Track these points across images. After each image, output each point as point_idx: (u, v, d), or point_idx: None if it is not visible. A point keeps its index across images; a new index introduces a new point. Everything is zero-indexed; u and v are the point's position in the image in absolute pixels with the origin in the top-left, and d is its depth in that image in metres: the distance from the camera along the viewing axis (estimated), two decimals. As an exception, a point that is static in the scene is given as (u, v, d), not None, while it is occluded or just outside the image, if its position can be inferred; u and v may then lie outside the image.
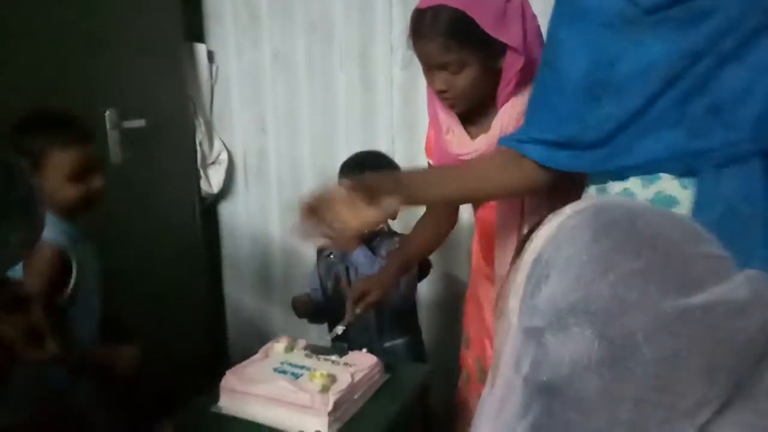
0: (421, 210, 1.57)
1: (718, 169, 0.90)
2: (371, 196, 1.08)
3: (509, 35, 1.16)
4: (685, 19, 0.88)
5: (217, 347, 2.56)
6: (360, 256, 1.65)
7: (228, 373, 1.23)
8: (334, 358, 1.30)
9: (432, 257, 1.75)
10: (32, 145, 1.28)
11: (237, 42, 2.35)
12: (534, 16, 1.23)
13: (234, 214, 2.53)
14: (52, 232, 1.23)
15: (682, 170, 0.93)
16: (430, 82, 1.26)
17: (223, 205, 2.54)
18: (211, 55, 2.38)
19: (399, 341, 1.67)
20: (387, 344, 1.65)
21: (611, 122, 0.94)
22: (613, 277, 0.48)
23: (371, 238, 1.69)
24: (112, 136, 1.95)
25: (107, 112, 1.93)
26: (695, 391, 0.47)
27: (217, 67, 2.40)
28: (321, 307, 1.74)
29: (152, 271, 2.06)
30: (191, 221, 2.39)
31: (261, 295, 2.57)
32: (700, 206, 0.92)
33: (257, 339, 2.54)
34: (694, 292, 0.48)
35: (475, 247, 1.51)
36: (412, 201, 1.17)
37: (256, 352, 1.34)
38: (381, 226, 1.68)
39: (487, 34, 1.15)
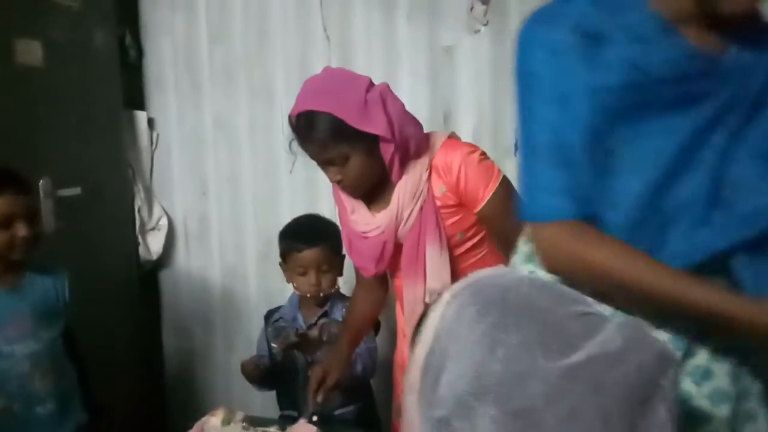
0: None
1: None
2: None
3: (374, 126, 1.27)
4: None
5: (156, 416, 2.45)
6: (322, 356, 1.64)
7: (161, 451, 1.19)
8: (272, 429, 1.27)
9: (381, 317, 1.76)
10: None
11: (178, 108, 2.37)
12: (395, 99, 1.33)
13: (175, 280, 2.48)
14: None
15: None
16: (326, 174, 1.37)
17: (164, 271, 2.49)
18: (151, 122, 2.39)
19: (350, 408, 1.65)
20: (338, 412, 1.63)
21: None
22: (501, 353, 0.51)
23: (324, 302, 1.69)
24: (46, 205, 1.90)
25: (41, 181, 1.89)
26: None
27: (158, 134, 2.40)
28: (270, 372, 1.70)
29: (90, 340, 1.98)
30: (130, 288, 2.33)
31: (202, 362, 2.49)
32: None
33: (197, 407, 2.46)
34: (572, 351, 0.51)
35: (398, 310, 1.54)
36: None
37: (196, 420, 1.30)
38: (334, 288, 1.69)
39: (359, 130, 1.26)
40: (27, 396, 1.42)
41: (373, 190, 1.38)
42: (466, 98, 2.01)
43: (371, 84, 1.32)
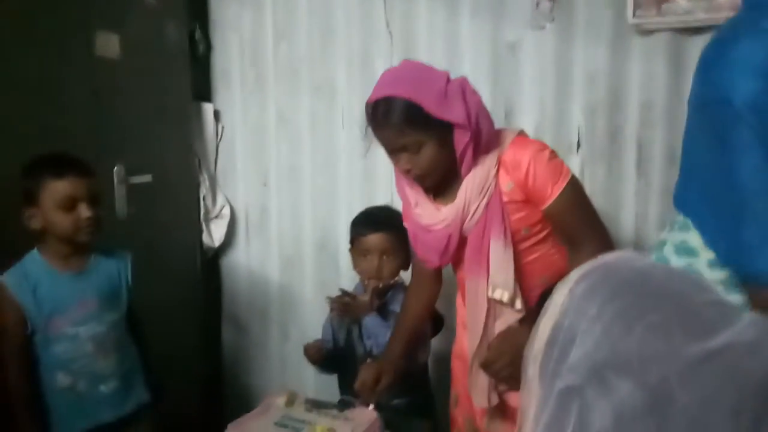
0: None
1: None
2: None
3: (452, 114, 1.29)
4: None
5: (214, 399, 2.54)
6: (371, 322, 1.68)
7: (229, 426, 1.24)
8: (334, 412, 1.31)
9: (443, 310, 1.77)
10: (30, 180, 1.43)
11: (243, 102, 2.44)
12: (474, 92, 1.35)
13: (235, 268, 2.56)
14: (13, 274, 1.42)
15: None
16: (395, 163, 1.38)
17: (224, 258, 2.57)
18: (217, 114, 2.47)
19: (407, 399, 1.67)
20: (395, 401, 1.66)
21: None
22: (638, 331, 0.53)
23: (385, 292, 1.72)
24: (119, 191, 2.00)
25: (115, 168, 1.98)
26: (727, 429, 0.50)
27: (223, 126, 2.48)
28: (332, 357, 1.75)
29: (152, 322, 2.07)
30: (193, 274, 2.42)
31: (258, 349, 2.57)
32: None
33: (254, 392, 2.53)
34: (710, 337, 0.53)
35: (459, 301, 1.55)
36: None
37: (252, 406, 1.35)
38: (395, 279, 1.72)
39: (436, 117, 1.27)
40: (91, 375, 1.49)
41: (440, 182, 1.40)
42: (529, 95, 2.00)
43: (450, 77, 1.34)
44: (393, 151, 1.35)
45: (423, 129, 1.29)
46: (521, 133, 1.42)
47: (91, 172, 1.50)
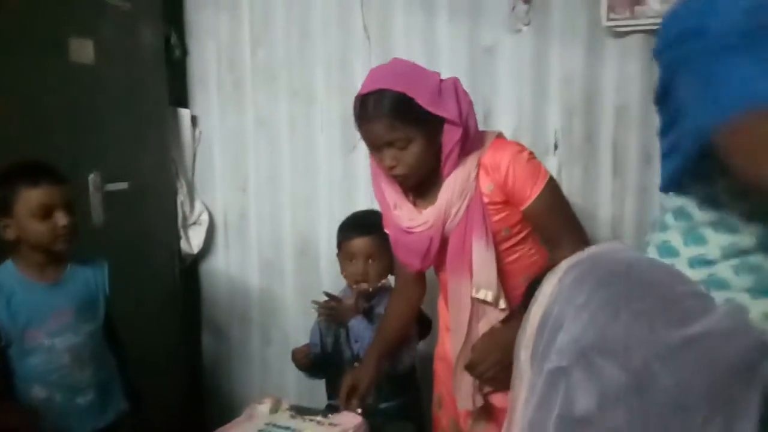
0: None
1: None
2: None
3: (446, 110, 1.30)
4: None
5: (194, 406, 2.51)
6: (357, 325, 1.67)
7: (213, 435, 1.22)
8: (319, 418, 1.30)
9: (430, 312, 1.77)
10: (2, 190, 1.40)
11: (221, 107, 2.42)
12: (465, 93, 1.36)
13: (214, 274, 2.54)
14: None
15: None
16: (380, 160, 1.37)
17: (203, 265, 2.54)
18: (194, 120, 2.44)
19: (394, 403, 1.67)
20: (382, 405, 1.65)
21: None
22: (624, 317, 0.57)
23: (371, 296, 1.72)
24: (95, 198, 1.97)
25: (91, 175, 1.95)
26: (703, 411, 0.56)
27: (200, 131, 2.46)
28: (319, 361, 1.74)
29: (131, 331, 2.04)
30: (172, 281, 2.39)
31: (239, 354, 2.54)
32: None
33: (235, 398, 2.51)
34: (689, 324, 0.58)
35: (441, 304, 1.56)
36: None
37: (233, 412, 1.34)
38: (381, 282, 1.72)
39: (427, 112, 1.28)
40: (68, 387, 1.46)
41: (420, 183, 1.40)
42: (506, 98, 2.02)
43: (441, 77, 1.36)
44: (379, 147, 1.34)
45: (414, 124, 1.29)
46: (500, 136, 1.43)
47: (64, 179, 1.47)
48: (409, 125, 1.29)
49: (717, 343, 0.58)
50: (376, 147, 1.35)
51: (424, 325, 1.78)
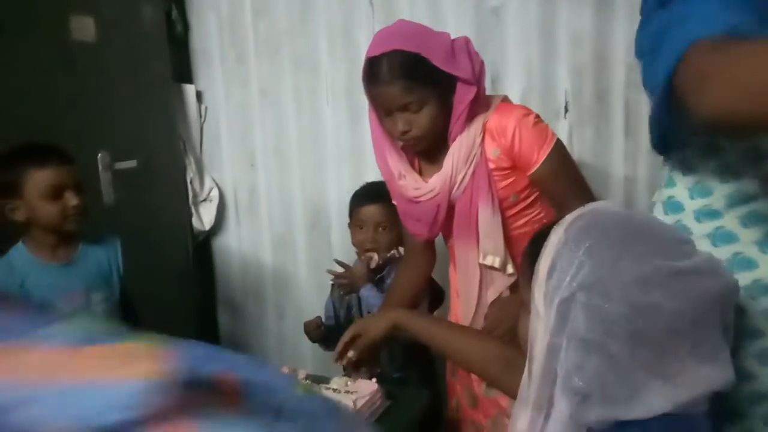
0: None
1: None
2: None
3: (460, 69, 1.27)
4: None
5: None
6: (367, 293, 1.68)
7: (230, 406, 1.23)
8: (335, 386, 1.31)
9: (443, 282, 1.77)
10: (10, 171, 1.39)
11: (225, 81, 2.40)
12: (476, 53, 1.32)
13: (226, 250, 2.55)
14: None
15: None
16: (392, 125, 1.32)
17: (215, 241, 2.56)
18: (199, 95, 2.43)
19: (407, 372, 1.68)
20: (396, 375, 1.66)
21: None
22: (626, 258, 0.66)
23: (383, 266, 1.71)
24: (105, 177, 1.97)
25: (99, 154, 1.95)
26: (691, 335, 0.66)
27: (206, 107, 2.45)
28: (333, 333, 1.75)
29: (144, 309, 2.06)
30: (184, 259, 2.40)
31: (254, 329, 2.57)
32: None
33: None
34: (682, 259, 0.68)
35: (452, 270, 1.55)
36: None
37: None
38: (391, 253, 1.71)
39: (440, 72, 1.25)
40: None
41: (426, 149, 1.38)
42: (514, 60, 1.98)
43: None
44: (391, 111, 1.30)
45: (430, 85, 1.26)
46: (505, 99, 1.40)
47: (72, 159, 1.46)
48: (423, 86, 1.26)
49: (704, 276, 0.67)
50: (388, 111, 1.31)
51: (436, 296, 1.78)
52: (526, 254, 0.78)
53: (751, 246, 0.81)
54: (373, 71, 1.29)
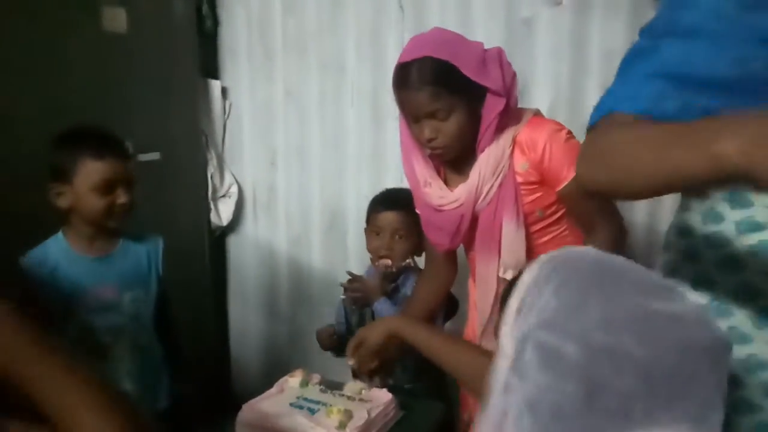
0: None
1: None
2: None
3: (490, 79, 1.26)
4: None
5: (222, 379, 2.55)
6: (381, 306, 1.65)
7: (244, 407, 1.23)
8: (349, 393, 1.30)
9: (460, 293, 1.75)
10: (64, 155, 1.34)
11: (250, 79, 2.40)
12: (509, 64, 1.31)
13: (242, 247, 2.55)
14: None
15: None
16: (419, 132, 1.32)
17: (232, 237, 2.56)
18: (224, 91, 2.43)
19: (419, 384, 1.66)
20: (407, 386, 1.64)
21: None
22: (595, 297, 0.62)
23: (396, 276, 1.70)
24: (127, 169, 1.97)
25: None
26: (670, 387, 0.59)
27: (230, 103, 2.45)
28: (345, 340, 1.73)
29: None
30: (201, 252, 2.40)
31: (266, 327, 2.57)
32: None
33: (261, 371, 2.54)
34: (661, 302, 0.62)
35: (471, 283, 1.54)
36: None
37: (260, 385, 1.34)
38: (407, 261, 1.70)
39: (470, 81, 1.25)
40: (103, 373, 1.31)
41: (454, 159, 1.37)
42: (544, 73, 1.96)
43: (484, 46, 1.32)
44: (419, 118, 1.30)
45: (458, 93, 1.26)
46: (537, 113, 1.39)
47: (129, 154, 1.42)
48: (452, 95, 1.26)
49: (691, 325, 0.61)
50: (415, 117, 1.31)
51: (451, 306, 1.76)
52: (504, 292, 0.77)
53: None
54: (403, 77, 1.29)
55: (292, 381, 1.33)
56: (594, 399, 0.58)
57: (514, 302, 0.66)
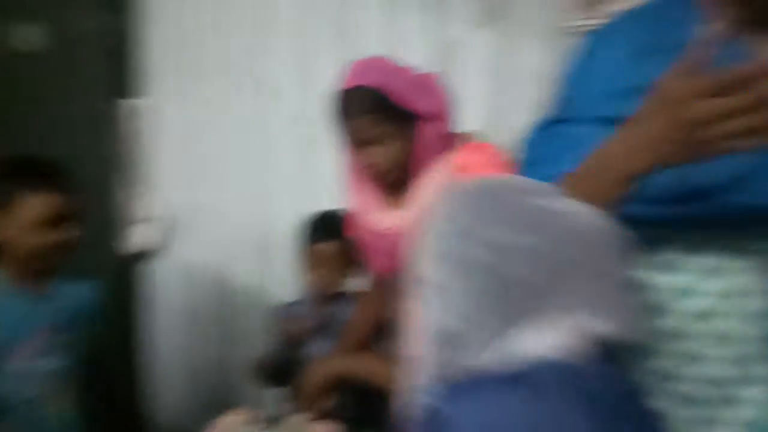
0: None
1: None
2: None
3: (420, 104, 1.29)
4: None
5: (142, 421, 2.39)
6: (318, 349, 1.63)
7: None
8: (292, 429, 1.25)
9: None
10: (5, 185, 1.25)
11: (173, 98, 2.30)
12: (443, 89, 1.35)
13: (166, 272, 2.42)
14: None
15: None
16: (360, 158, 1.34)
17: (155, 262, 2.42)
18: (145, 111, 2.31)
19: (364, 411, 1.63)
20: (351, 414, 1.61)
21: None
22: (496, 204, 0.69)
23: (333, 300, 1.67)
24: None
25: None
26: (574, 275, 0.65)
27: (151, 123, 2.33)
28: (281, 369, 1.68)
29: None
30: (119, 280, 2.29)
31: (190, 357, 2.43)
32: None
33: (185, 402, 2.40)
34: (553, 201, 0.69)
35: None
36: None
37: (185, 421, 1.27)
38: (344, 287, 1.68)
39: (406, 107, 1.27)
40: (35, 422, 1.27)
41: (395, 183, 1.37)
42: (471, 96, 2.00)
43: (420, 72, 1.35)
44: (360, 144, 1.32)
45: (396, 120, 1.28)
46: (473, 137, 1.41)
47: (77, 186, 1.34)
48: (388, 121, 1.28)
49: (583, 216, 0.67)
50: (356, 144, 1.33)
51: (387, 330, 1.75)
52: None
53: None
54: (343, 105, 1.31)
55: (232, 419, 1.27)
56: (507, 293, 0.64)
57: (423, 231, 0.72)
